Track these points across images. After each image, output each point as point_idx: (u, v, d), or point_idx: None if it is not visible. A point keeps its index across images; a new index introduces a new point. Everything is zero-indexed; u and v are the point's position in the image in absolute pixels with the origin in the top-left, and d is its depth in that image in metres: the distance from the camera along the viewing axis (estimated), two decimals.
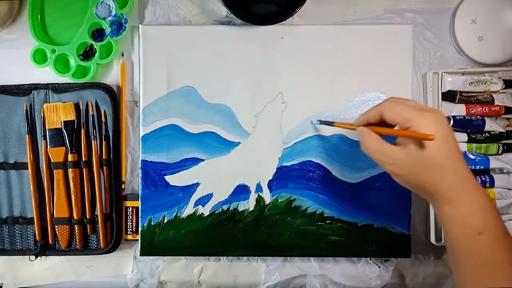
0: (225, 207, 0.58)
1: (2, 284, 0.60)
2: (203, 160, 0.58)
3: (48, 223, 0.58)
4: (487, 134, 0.58)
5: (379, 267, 0.60)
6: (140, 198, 0.58)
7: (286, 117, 0.58)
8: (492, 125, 0.58)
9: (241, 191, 0.58)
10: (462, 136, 0.58)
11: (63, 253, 0.59)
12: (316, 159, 0.58)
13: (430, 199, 0.44)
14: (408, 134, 0.41)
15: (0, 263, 0.60)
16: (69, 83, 0.59)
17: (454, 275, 0.44)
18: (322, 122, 0.57)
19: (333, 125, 0.53)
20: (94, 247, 0.59)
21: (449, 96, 0.58)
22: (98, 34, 0.59)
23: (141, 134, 0.58)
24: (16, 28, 0.60)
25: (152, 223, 0.58)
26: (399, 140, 0.45)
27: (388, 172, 0.44)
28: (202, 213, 0.58)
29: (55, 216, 0.58)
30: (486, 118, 0.58)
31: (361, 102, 0.58)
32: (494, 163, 0.57)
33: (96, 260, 0.60)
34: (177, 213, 0.58)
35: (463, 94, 0.58)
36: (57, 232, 0.58)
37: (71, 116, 0.58)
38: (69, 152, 0.58)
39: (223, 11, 0.60)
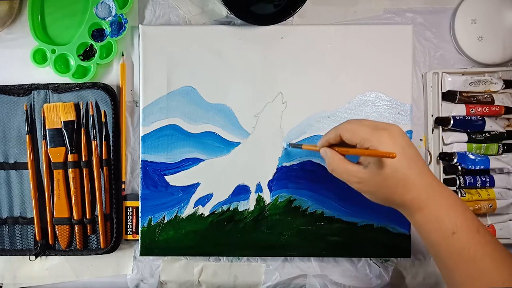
0: (225, 207, 0.58)
1: (2, 284, 0.60)
2: (203, 160, 0.58)
3: (48, 223, 0.58)
4: (487, 134, 0.58)
5: (379, 267, 0.60)
6: (140, 198, 0.58)
7: (286, 117, 0.58)
8: (492, 125, 0.58)
9: (241, 191, 0.58)
10: (462, 136, 0.58)
11: (63, 253, 0.59)
12: (316, 159, 0.58)
13: (401, 210, 0.45)
14: (370, 153, 0.42)
15: (0, 263, 0.60)
16: (69, 83, 0.59)
17: (442, 276, 0.45)
18: (292, 145, 0.57)
19: (301, 148, 0.54)
20: (94, 247, 0.59)
21: (449, 96, 0.58)
22: (98, 34, 0.59)
23: (141, 134, 0.58)
24: (16, 28, 0.60)
25: (152, 223, 0.58)
26: (362, 159, 0.46)
27: (357, 190, 0.45)
28: (202, 213, 0.58)
29: (55, 216, 0.58)
30: (486, 118, 0.58)
31: (361, 102, 0.58)
32: (494, 163, 0.57)
33: (96, 260, 0.60)
34: (177, 213, 0.58)
35: (463, 94, 0.58)
36: (57, 232, 0.58)
37: (71, 116, 0.58)
38: (69, 152, 0.58)
39: (223, 11, 0.60)
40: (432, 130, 0.59)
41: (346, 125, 0.45)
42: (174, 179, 0.58)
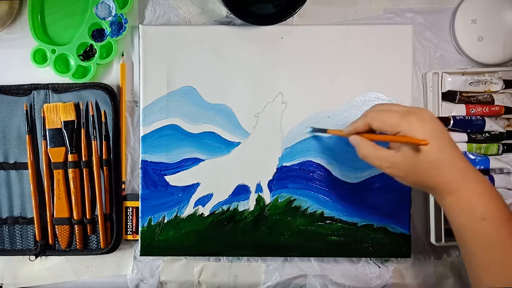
0: (225, 207, 0.58)
1: (2, 284, 0.60)
2: (203, 160, 0.58)
3: (48, 223, 0.58)
4: (487, 134, 0.58)
5: (379, 267, 0.60)
6: (140, 198, 0.58)
7: (286, 117, 0.58)
8: (492, 125, 0.58)
9: (241, 191, 0.58)
10: (462, 136, 0.58)
11: (63, 253, 0.59)
12: (316, 159, 0.58)
13: (432, 193, 0.45)
14: (401, 139, 0.42)
15: (0, 263, 0.60)
16: (69, 83, 0.59)
17: (465, 263, 0.45)
18: (314, 130, 0.57)
19: (325, 132, 0.55)
20: (94, 247, 0.59)
21: (449, 96, 0.58)
22: (98, 34, 0.59)
23: (141, 134, 0.58)
24: (16, 28, 0.60)
25: (152, 223, 0.58)
26: (393, 143, 0.46)
27: (389, 175, 0.45)
28: (202, 213, 0.58)
29: (55, 216, 0.58)
30: (486, 118, 0.58)
31: (361, 102, 0.58)
32: (494, 163, 0.57)
33: (96, 260, 0.60)
34: (177, 213, 0.58)
35: (463, 94, 0.58)
36: (57, 232, 0.58)
37: (71, 116, 0.58)
38: (69, 152, 0.58)
39: (223, 11, 0.60)
40: None
41: (375, 113, 0.45)
42: (174, 179, 0.58)
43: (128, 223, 0.59)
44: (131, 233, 0.59)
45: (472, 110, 0.58)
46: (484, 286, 0.41)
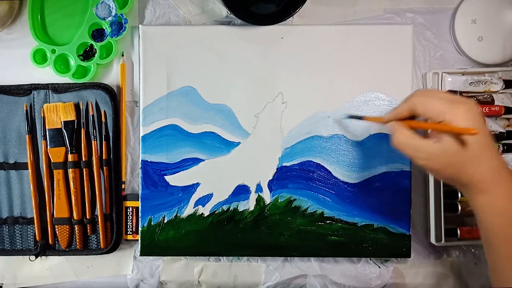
0: (225, 207, 0.58)
1: (2, 284, 0.60)
2: (203, 160, 0.58)
3: (48, 223, 0.58)
4: None
5: (379, 267, 0.60)
6: (140, 198, 0.58)
7: (286, 117, 0.58)
8: (492, 125, 0.58)
9: (241, 191, 0.58)
10: None
11: (63, 253, 0.59)
12: (316, 159, 0.58)
13: (464, 190, 0.43)
14: (446, 128, 0.40)
15: (0, 263, 0.60)
16: (69, 83, 0.59)
17: (490, 265, 0.44)
18: (351, 117, 0.56)
19: (362, 119, 0.54)
20: (94, 247, 0.59)
21: None
22: (98, 34, 0.59)
23: (141, 134, 0.58)
24: (16, 28, 0.60)
25: (152, 223, 0.58)
26: (432, 133, 0.44)
27: (422, 167, 0.43)
28: (202, 213, 0.58)
29: (55, 216, 0.58)
30: (486, 118, 0.58)
31: (361, 102, 0.58)
32: None
33: (96, 260, 0.60)
34: (177, 213, 0.58)
35: (463, 94, 0.58)
36: (57, 232, 0.58)
37: (71, 116, 0.58)
38: (69, 152, 0.58)
39: (223, 11, 0.60)
40: None
41: (420, 97, 0.43)
42: (174, 179, 0.58)
43: (128, 223, 0.59)
44: (131, 233, 0.59)
45: None
46: (505, 278, 0.41)
